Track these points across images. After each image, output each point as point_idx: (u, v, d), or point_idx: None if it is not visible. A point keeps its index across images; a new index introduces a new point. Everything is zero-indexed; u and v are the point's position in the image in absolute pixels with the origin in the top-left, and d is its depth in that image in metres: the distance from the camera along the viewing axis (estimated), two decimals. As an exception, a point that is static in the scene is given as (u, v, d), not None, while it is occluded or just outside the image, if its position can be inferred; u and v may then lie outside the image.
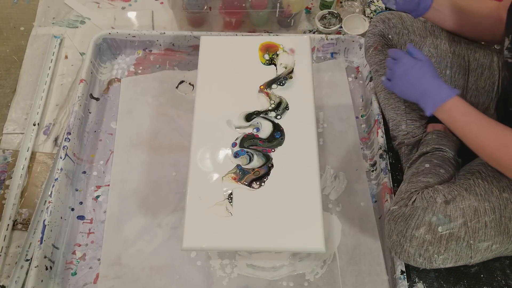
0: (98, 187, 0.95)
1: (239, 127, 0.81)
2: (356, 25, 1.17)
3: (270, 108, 0.83)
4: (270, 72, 0.87)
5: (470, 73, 0.87)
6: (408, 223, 0.73)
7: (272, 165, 0.77)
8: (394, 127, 0.93)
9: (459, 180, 0.77)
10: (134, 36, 1.11)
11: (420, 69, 0.75)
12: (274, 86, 0.85)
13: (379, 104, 0.98)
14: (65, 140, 0.93)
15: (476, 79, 0.87)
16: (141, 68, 1.13)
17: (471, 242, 0.71)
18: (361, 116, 1.06)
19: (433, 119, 0.94)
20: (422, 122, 0.92)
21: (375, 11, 1.24)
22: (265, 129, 0.80)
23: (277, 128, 0.81)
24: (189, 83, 1.10)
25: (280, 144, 0.79)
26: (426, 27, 0.90)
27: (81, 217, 0.92)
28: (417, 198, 0.75)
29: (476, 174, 0.76)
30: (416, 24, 0.90)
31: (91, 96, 1.06)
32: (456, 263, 0.73)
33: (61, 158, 0.91)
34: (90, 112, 1.04)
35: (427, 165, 0.82)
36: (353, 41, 1.11)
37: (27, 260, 0.86)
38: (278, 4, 1.12)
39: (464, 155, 0.88)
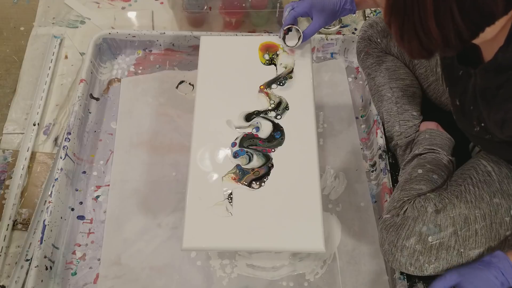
0: (98, 187, 0.95)
1: (239, 127, 0.81)
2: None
3: (270, 108, 0.83)
4: (270, 72, 0.87)
5: None
6: (399, 233, 0.73)
7: (272, 165, 0.77)
8: (389, 128, 0.94)
9: (450, 187, 0.77)
10: (134, 36, 1.11)
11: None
12: (274, 86, 0.85)
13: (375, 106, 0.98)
14: (65, 140, 0.93)
15: None
16: (141, 68, 1.13)
17: (462, 250, 0.71)
18: (361, 117, 1.06)
19: (426, 118, 0.94)
20: (415, 122, 0.92)
21: (375, 10, 1.24)
22: (265, 129, 0.80)
23: (277, 128, 0.81)
24: (189, 83, 1.10)
25: (280, 144, 0.79)
26: None
27: (81, 217, 0.92)
28: (408, 208, 0.75)
29: (468, 180, 0.75)
30: None
31: (91, 96, 1.06)
32: None
33: (61, 158, 0.91)
34: (90, 112, 1.04)
35: (420, 171, 0.81)
36: (353, 41, 1.11)
37: (27, 260, 0.86)
38: (278, 4, 1.12)
39: (459, 154, 0.88)
